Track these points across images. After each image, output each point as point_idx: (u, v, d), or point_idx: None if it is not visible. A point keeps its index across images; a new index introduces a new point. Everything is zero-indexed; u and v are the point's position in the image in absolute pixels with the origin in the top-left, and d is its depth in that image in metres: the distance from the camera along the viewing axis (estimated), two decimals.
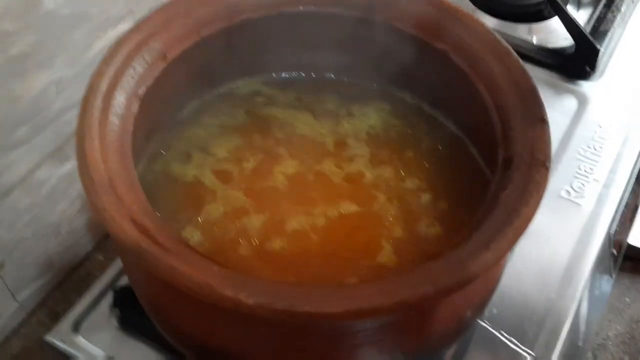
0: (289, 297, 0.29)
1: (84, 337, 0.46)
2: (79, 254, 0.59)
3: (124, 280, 0.50)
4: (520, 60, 0.39)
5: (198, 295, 0.29)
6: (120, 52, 0.37)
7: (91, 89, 0.35)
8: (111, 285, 0.49)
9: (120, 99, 0.36)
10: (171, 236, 0.31)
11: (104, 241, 0.61)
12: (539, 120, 0.36)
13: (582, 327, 0.56)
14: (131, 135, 0.36)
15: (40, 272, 0.56)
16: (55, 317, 0.57)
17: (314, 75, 0.49)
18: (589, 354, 0.82)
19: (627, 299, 0.88)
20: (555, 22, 0.69)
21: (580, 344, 0.56)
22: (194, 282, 0.29)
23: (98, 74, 0.36)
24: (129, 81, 0.36)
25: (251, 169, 0.44)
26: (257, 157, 0.44)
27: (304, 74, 0.49)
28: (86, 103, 0.34)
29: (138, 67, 0.37)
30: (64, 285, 0.58)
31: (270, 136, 0.45)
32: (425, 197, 0.42)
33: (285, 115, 0.47)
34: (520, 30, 0.70)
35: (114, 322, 0.47)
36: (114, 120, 0.35)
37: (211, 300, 0.29)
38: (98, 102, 0.35)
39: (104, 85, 0.35)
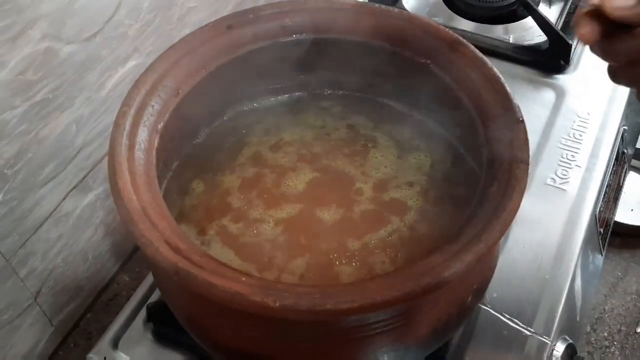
0: (310, 298, 0.33)
1: (123, 352, 0.50)
2: (106, 277, 0.63)
3: (154, 297, 0.53)
4: (495, 69, 0.43)
5: (231, 304, 0.33)
6: (139, 92, 0.41)
7: (117, 129, 0.39)
8: (143, 302, 0.52)
9: (143, 135, 0.39)
10: (201, 254, 0.35)
11: (128, 262, 0.65)
12: (516, 121, 0.40)
13: (578, 302, 0.59)
14: (155, 167, 0.40)
15: (71, 297, 0.60)
16: (88, 338, 0.61)
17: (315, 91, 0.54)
18: (588, 328, 0.86)
19: (619, 273, 0.92)
20: (530, 20, 0.72)
21: (578, 318, 0.60)
22: (227, 293, 0.33)
23: (122, 115, 0.39)
24: (149, 118, 0.40)
25: (284, 168, 0.49)
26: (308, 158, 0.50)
27: (299, 93, 0.54)
28: (114, 142, 0.38)
29: (156, 105, 0.41)
30: (94, 307, 0.63)
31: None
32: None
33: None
34: (497, 31, 0.73)
35: (149, 335, 0.51)
36: (139, 155, 0.39)
37: (242, 308, 0.33)
38: (125, 140, 0.38)
39: (128, 125, 0.39)
